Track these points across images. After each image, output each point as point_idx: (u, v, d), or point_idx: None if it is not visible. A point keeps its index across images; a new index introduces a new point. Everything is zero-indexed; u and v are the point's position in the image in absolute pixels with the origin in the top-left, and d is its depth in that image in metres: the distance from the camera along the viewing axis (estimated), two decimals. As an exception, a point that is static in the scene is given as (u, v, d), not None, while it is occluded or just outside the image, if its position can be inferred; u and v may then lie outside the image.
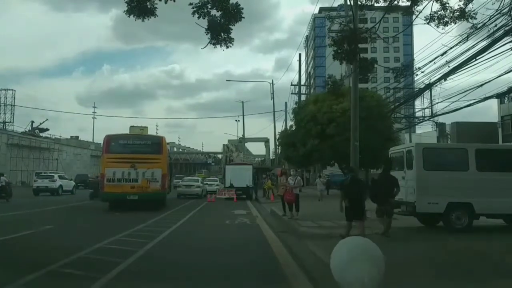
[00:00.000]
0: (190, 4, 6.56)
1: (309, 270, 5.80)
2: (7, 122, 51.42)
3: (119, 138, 17.05)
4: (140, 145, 16.40)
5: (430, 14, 8.13)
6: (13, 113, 52.00)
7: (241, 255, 7.30)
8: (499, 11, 8.36)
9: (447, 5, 7.98)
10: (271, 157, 53.85)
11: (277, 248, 7.81)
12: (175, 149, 72.81)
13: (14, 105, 51.88)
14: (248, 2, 7.26)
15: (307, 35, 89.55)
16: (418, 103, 27.88)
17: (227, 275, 5.70)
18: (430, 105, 19.54)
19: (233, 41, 7.07)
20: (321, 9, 70.62)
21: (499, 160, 10.31)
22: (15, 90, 53.72)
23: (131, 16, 6.59)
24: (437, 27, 8.16)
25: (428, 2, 8.04)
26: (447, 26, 8.18)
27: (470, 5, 8.08)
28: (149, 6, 6.59)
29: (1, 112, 51.80)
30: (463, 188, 9.58)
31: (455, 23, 8.15)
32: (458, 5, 8.06)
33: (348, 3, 11.44)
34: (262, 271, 6.01)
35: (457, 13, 7.99)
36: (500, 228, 10.41)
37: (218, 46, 7.04)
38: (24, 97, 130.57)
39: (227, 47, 7.11)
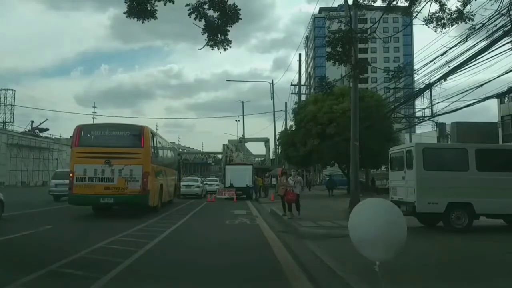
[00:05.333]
0: (187, 5, 6.52)
1: (309, 270, 5.80)
2: (7, 122, 51.56)
3: (92, 128, 14.44)
4: (116, 137, 13.59)
5: (428, 15, 8.13)
6: (13, 113, 52.17)
7: (241, 255, 7.30)
8: (498, 11, 8.35)
9: (445, 6, 7.97)
10: (271, 157, 53.87)
11: (277, 248, 7.81)
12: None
13: (14, 105, 52.01)
14: (243, 2, 7.22)
15: (307, 35, 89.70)
16: (418, 103, 27.88)
17: (227, 275, 5.70)
18: (430, 105, 19.52)
19: (230, 43, 6.95)
20: (321, 9, 70.81)
21: (499, 160, 10.30)
22: (15, 90, 53.89)
23: (131, 18, 6.54)
24: (435, 29, 8.17)
25: (427, 3, 8.04)
26: (445, 28, 8.18)
27: (468, 7, 8.07)
28: (149, 8, 6.53)
29: (1, 112, 51.93)
30: (463, 188, 9.59)
31: (453, 25, 8.15)
32: (456, 7, 8.05)
33: (349, 2, 11.44)
34: (262, 271, 6.01)
35: (454, 15, 7.98)
36: (500, 228, 10.42)
37: (215, 48, 6.96)
38: (24, 97, 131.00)
39: (225, 49, 6.99)
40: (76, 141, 13.44)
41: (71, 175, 13.04)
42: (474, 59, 10.28)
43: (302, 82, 39.50)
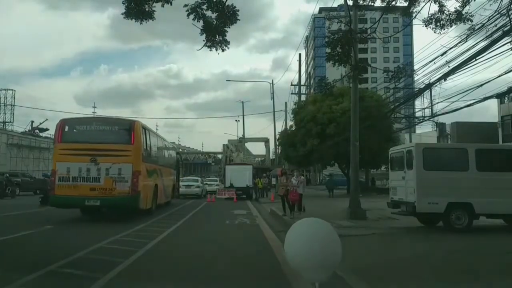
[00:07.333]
0: (186, 5, 6.53)
1: (309, 270, 5.79)
2: (7, 122, 51.54)
3: (77, 122, 13.03)
4: (104, 132, 12.28)
5: (428, 16, 8.15)
6: (13, 113, 52.12)
7: (241, 255, 7.31)
8: (498, 11, 8.35)
9: (444, 7, 7.98)
10: (271, 157, 53.88)
11: (277, 248, 7.80)
12: (175, 149, 72.67)
13: (14, 105, 51.97)
14: (242, 1, 7.22)
15: (307, 35, 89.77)
16: (418, 103, 27.88)
17: (227, 275, 5.71)
18: (430, 105, 19.53)
19: (228, 44, 6.96)
20: (321, 9, 70.89)
21: (499, 160, 10.33)
22: (15, 90, 53.84)
23: (129, 19, 6.53)
24: (434, 30, 8.19)
25: (426, 3, 8.05)
26: (444, 29, 8.20)
27: (467, 7, 8.09)
28: (147, 9, 6.53)
29: (1, 112, 51.92)
30: (463, 188, 9.60)
31: (452, 26, 8.17)
32: (455, 8, 8.07)
33: (349, 2, 11.47)
34: (262, 271, 6.02)
35: (453, 16, 7.99)
36: (500, 228, 10.42)
37: (213, 49, 6.96)
38: (24, 97, 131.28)
39: (223, 50, 7.00)
40: (59, 137, 12.27)
41: (53, 174, 11.97)
42: (474, 59, 10.28)
43: (302, 82, 39.52)
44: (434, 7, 8.11)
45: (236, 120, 58.30)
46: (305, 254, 2.73)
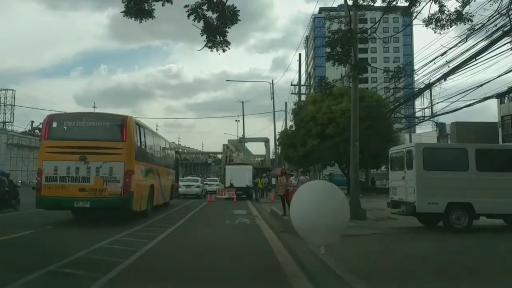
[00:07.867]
0: (186, 6, 6.53)
1: (309, 270, 5.80)
2: (7, 122, 51.63)
3: (65, 118, 12.24)
4: (94, 128, 11.51)
5: (428, 17, 8.16)
6: (13, 113, 52.22)
7: (241, 255, 7.30)
8: (498, 11, 8.35)
9: (444, 7, 8.00)
10: (271, 157, 53.87)
11: (277, 248, 7.82)
12: (175, 149, 72.67)
13: (14, 105, 52.05)
14: (242, 1, 7.22)
15: (307, 35, 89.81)
16: (418, 103, 27.93)
17: (227, 275, 5.71)
18: (430, 105, 19.55)
19: (229, 44, 6.96)
20: (321, 9, 70.89)
21: (499, 160, 10.32)
22: (15, 90, 53.96)
23: (129, 18, 6.52)
24: (435, 30, 8.20)
25: (427, 3, 8.06)
26: (444, 29, 8.21)
27: (467, 7, 8.10)
28: (146, 8, 6.52)
29: (1, 112, 52.01)
30: (463, 188, 9.59)
31: (452, 26, 8.18)
32: (455, 8, 8.08)
33: (349, 2, 11.46)
34: (262, 271, 6.02)
35: (453, 16, 8.00)
36: (500, 228, 10.42)
37: (214, 49, 6.95)
38: (24, 97, 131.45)
39: (224, 50, 7.00)
40: (46, 134, 11.51)
41: (39, 173, 11.23)
42: (474, 59, 10.28)
43: (302, 82, 39.47)
44: (435, 7, 8.13)
45: (236, 120, 58.41)
46: (313, 216, 2.68)
